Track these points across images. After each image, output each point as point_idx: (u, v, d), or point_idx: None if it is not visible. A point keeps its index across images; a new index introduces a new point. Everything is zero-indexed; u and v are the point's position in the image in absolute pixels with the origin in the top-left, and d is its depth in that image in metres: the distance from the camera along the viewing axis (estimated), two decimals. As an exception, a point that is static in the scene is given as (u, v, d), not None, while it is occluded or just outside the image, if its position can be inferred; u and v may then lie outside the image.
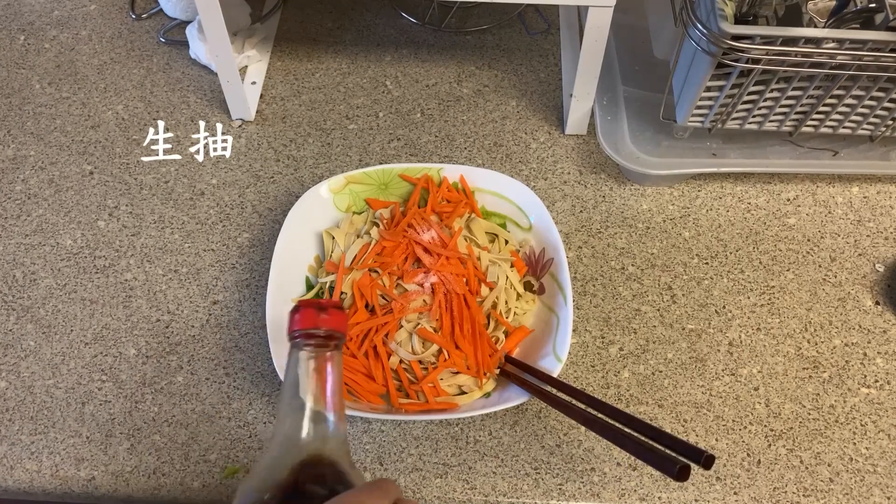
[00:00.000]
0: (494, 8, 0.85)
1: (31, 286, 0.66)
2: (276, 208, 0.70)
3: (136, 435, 0.59)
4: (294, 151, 0.74)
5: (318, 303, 0.41)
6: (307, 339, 0.41)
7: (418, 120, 0.76)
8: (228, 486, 0.57)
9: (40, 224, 0.70)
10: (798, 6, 0.60)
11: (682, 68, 0.64)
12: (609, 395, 0.60)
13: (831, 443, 0.58)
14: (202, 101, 0.78)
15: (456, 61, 0.81)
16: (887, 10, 0.57)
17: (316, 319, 0.40)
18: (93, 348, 0.63)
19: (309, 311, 0.41)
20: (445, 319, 0.58)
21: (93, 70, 0.80)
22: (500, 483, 0.57)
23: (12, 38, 0.83)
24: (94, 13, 0.85)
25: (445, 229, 0.62)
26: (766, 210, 0.70)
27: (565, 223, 0.69)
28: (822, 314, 0.64)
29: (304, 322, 0.40)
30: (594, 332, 0.63)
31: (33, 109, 0.77)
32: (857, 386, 0.61)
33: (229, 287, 0.66)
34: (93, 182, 0.72)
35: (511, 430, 0.59)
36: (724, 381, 0.61)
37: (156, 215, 0.70)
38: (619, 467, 0.57)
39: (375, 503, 0.36)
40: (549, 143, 0.75)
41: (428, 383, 0.57)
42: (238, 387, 0.61)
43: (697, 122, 0.67)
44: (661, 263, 0.67)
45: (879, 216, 0.70)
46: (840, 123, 0.66)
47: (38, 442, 0.59)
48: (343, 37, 0.83)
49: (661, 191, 0.71)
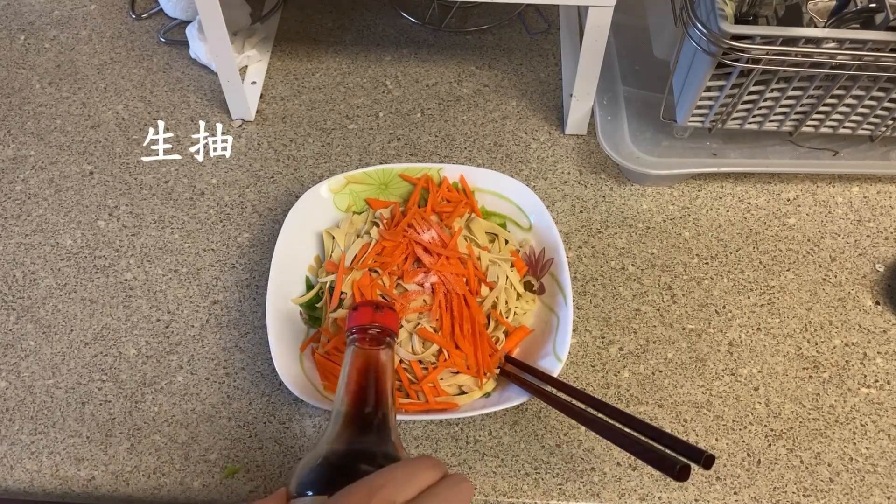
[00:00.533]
0: (494, 8, 0.85)
1: (31, 286, 0.66)
2: (276, 208, 0.70)
3: (136, 435, 0.59)
4: (294, 151, 0.74)
5: (375, 302, 0.48)
6: (362, 335, 0.46)
7: (418, 120, 0.76)
8: (228, 486, 0.57)
9: (40, 224, 0.70)
10: (798, 6, 0.60)
11: (682, 68, 0.64)
12: (609, 395, 0.60)
13: (831, 443, 0.58)
14: (202, 100, 0.78)
15: (456, 61, 0.81)
16: (887, 10, 0.57)
17: (372, 317, 0.47)
18: (93, 348, 0.63)
19: (366, 310, 0.47)
20: (445, 319, 0.58)
21: (93, 70, 0.80)
22: (500, 483, 0.57)
23: (12, 38, 0.83)
24: (94, 13, 0.85)
25: (445, 229, 0.62)
26: (766, 210, 0.70)
27: (565, 223, 0.69)
28: (822, 314, 0.64)
29: (360, 319, 0.47)
30: (594, 332, 0.63)
31: (33, 109, 0.77)
32: (857, 386, 0.61)
33: (229, 287, 0.66)
34: (93, 182, 0.72)
35: (511, 430, 0.59)
36: (724, 381, 0.61)
37: (156, 215, 0.70)
38: (619, 467, 0.57)
39: (428, 473, 0.38)
40: (549, 143, 0.75)
41: (428, 383, 0.57)
42: (238, 387, 0.61)
43: (697, 122, 0.67)
44: (661, 263, 0.67)
45: (879, 216, 0.70)
46: (840, 123, 0.66)
47: (38, 442, 0.59)
48: (343, 37, 0.83)
49: (661, 191, 0.71)
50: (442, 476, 0.38)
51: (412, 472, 0.37)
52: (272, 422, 0.59)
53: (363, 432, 0.43)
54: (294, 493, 0.40)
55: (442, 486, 0.37)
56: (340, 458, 0.41)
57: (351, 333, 0.47)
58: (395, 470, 0.37)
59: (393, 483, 0.36)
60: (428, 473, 0.38)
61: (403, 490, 0.36)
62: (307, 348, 0.59)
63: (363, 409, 0.44)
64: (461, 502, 0.37)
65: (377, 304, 0.47)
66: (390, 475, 0.37)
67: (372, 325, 0.47)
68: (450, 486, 0.37)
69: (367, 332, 0.47)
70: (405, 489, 0.36)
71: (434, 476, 0.38)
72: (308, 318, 0.61)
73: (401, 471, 0.37)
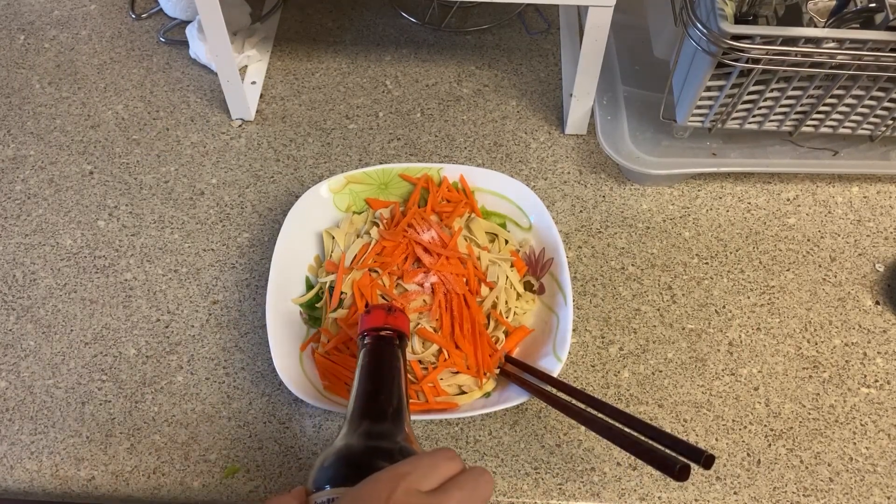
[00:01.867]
0: (494, 8, 0.85)
1: (31, 286, 0.66)
2: (276, 208, 0.70)
3: (136, 435, 0.59)
4: (294, 151, 0.74)
5: (387, 305, 0.49)
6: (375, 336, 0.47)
7: (418, 120, 0.76)
8: (228, 486, 0.57)
9: (40, 224, 0.70)
10: (798, 6, 0.60)
11: (682, 68, 0.64)
12: (609, 395, 0.60)
13: (831, 443, 0.58)
14: (202, 100, 0.78)
15: (456, 61, 0.81)
16: (887, 10, 0.57)
17: (385, 319, 0.47)
18: (93, 348, 0.63)
19: (379, 313, 0.48)
20: (445, 319, 0.58)
21: (93, 70, 0.80)
22: (500, 483, 0.57)
23: (12, 38, 0.83)
24: (94, 13, 0.85)
25: (445, 229, 0.62)
26: (766, 210, 0.70)
27: (565, 223, 0.69)
28: (822, 314, 0.64)
29: (373, 322, 0.47)
30: (594, 332, 0.63)
31: (33, 109, 0.77)
32: (857, 386, 0.61)
33: (229, 287, 0.66)
34: (93, 182, 0.72)
35: (511, 430, 0.59)
36: (724, 380, 0.61)
37: (156, 215, 0.70)
38: (619, 467, 0.57)
39: (450, 464, 0.38)
40: (549, 142, 0.75)
41: (428, 383, 0.57)
42: (238, 387, 0.61)
43: (697, 121, 0.67)
44: (661, 263, 0.67)
45: (879, 216, 0.70)
46: (840, 123, 0.66)
47: (38, 442, 0.59)
48: (343, 37, 0.83)
49: (661, 191, 0.71)
50: (462, 469, 0.39)
51: (435, 463, 0.38)
52: (272, 422, 0.59)
53: (378, 429, 0.43)
54: (312, 488, 0.40)
55: (464, 477, 0.38)
56: (358, 453, 0.42)
57: (364, 336, 0.48)
58: (418, 460, 0.38)
59: (417, 472, 0.37)
60: (449, 464, 0.38)
61: (428, 479, 0.37)
62: (307, 348, 0.59)
63: (378, 409, 0.45)
64: (483, 493, 0.38)
65: (389, 307, 0.48)
66: (414, 465, 0.37)
67: (384, 326, 0.47)
68: (472, 478, 0.38)
69: (380, 335, 0.47)
70: (429, 479, 0.37)
71: (455, 468, 0.38)
72: (308, 318, 0.61)
73: (424, 461, 0.38)
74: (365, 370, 0.47)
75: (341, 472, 0.40)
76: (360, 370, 0.47)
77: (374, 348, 0.47)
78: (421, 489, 0.36)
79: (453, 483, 0.37)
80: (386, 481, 0.36)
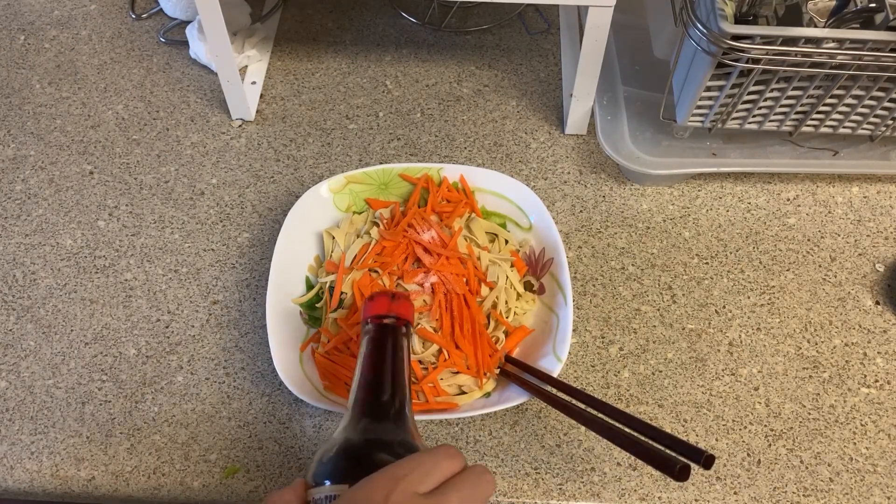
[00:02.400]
0: (494, 8, 0.85)
1: (31, 286, 0.66)
2: (276, 208, 0.70)
3: (136, 435, 0.59)
4: (294, 151, 0.74)
5: (391, 292, 0.48)
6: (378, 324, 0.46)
7: (418, 120, 0.76)
8: (228, 486, 0.57)
9: (40, 224, 0.70)
10: (798, 6, 0.60)
11: (682, 68, 0.64)
12: (609, 395, 0.60)
13: (831, 443, 0.58)
14: (202, 100, 0.78)
15: (456, 61, 0.81)
16: (887, 10, 0.57)
17: (388, 306, 0.46)
18: (93, 348, 0.63)
19: (382, 299, 0.47)
20: (445, 319, 0.58)
21: (93, 70, 0.80)
22: (500, 483, 0.57)
23: (12, 38, 0.83)
24: (94, 13, 0.85)
25: (445, 229, 0.62)
26: (766, 210, 0.70)
27: (565, 223, 0.69)
28: (822, 314, 0.64)
29: (377, 309, 0.46)
30: (594, 332, 0.63)
31: (33, 109, 0.77)
32: (857, 386, 0.61)
33: (229, 287, 0.66)
34: (93, 182, 0.72)
35: (511, 430, 0.59)
36: (724, 381, 0.61)
37: (156, 215, 0.70)
38: (619, 467, 0.57)
39: (450, 463, 0.37)
40: (549, 142, 0.75)
41: (428, 383, 0.57)
42: (238, 387, 0.61)
43: (697, 122, 0.67)
44: (661, 263, 0.67)
45: (879, 216, 0.70)
46: (840, 123, 0.66)
47: (38, 442, 0.59)
48: (343, 37, 0.83)
49: (661, 191, 0.71)
50: (462, 467, 0.38)
51: (434, 462, 0.37)
52: (272, 422, 0.59)
53: (380, 422, 0.43)
54: (311, 482, 0.40)
55: (464, 477, 0.37)
56: (358, 448, 0.41)
57: (367, 323, 0.47)
58: (418, 459, 0.37)
59: (416, 473, 0.36)
60: (450, 463, 0.37)
61: (426, 480, 0.36)
62: (307, 348, 0.59)
63: (380, 399, 0.43)
64: (483, 492, 0.37)
65: (393, 294, 0.47)
66: (413, 464, 0.36)
67: (388, 314, 0.46)
68: (472, 477, 0.37)
69: (384, 322, 0.46)
70: (428, 479, 0.36)
71: (456, 466, 0.37)
72: (308, 318, 0.61)
73: (423, 460, 0.37)
74: (367, 359, 0.45)
75: (342, 467, 0.40)
76: (363, 359, 0.46)
77: (377, 336, 0.46)
78: (419, 491, 0.35)
79: (452, 483, 0.36)
80: (383, 483, 0.35)
